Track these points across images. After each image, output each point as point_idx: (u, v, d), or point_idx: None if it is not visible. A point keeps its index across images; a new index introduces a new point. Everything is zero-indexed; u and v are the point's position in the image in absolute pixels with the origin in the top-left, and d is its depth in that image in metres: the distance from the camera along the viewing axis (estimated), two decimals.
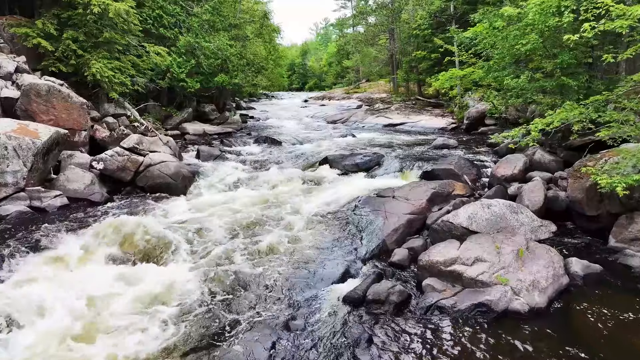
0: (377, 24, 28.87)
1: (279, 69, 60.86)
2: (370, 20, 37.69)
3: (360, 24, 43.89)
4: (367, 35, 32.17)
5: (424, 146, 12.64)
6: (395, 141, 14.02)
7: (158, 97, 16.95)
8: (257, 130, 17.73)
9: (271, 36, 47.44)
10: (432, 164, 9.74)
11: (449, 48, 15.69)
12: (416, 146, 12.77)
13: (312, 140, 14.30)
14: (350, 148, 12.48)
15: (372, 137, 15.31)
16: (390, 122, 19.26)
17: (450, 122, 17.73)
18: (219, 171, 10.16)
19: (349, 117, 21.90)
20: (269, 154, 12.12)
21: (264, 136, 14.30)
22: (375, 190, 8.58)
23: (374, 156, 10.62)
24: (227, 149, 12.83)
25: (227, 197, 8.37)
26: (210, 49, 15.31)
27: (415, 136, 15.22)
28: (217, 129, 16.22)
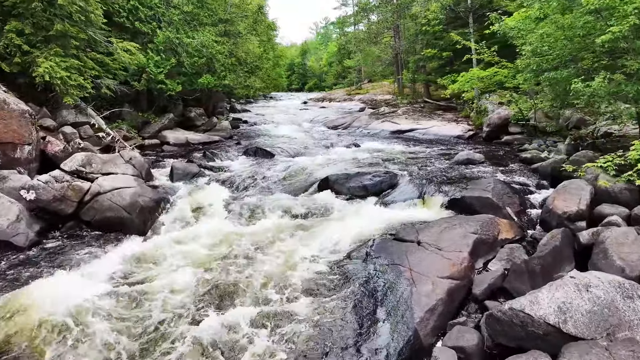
0: (380, 21, 26.84)
1: (277, 69, 58.99)
2: (373, 18, 35.70)
3: (362, 21, 41.94)
4: (369, 33, 30.13)
5: (443, 160, 10.63)
6: (407, 153, 12.00)
7: (136, 100, 14.97)
8: (248, 138, 15.72)
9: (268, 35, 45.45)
10: (459, 188, 7.74)
11: (468, 45, 13.66)
12: (433, 160, 10.75)
13: (311, 152, 12.29)
14: (356, 163, 10.48)
15: (379, 146, 13.29)
16: (398, 128, 17.24)
17: (467, 128, 15.71)
18: (194, 197, 8.15)
19: (352, 122, 19.89)
20: (259, 171, 10.10)
21: (255, 147, 12.29)
22: (391, 225, 6.61)
23: (386, 176, 8.60)
24: (208, 164, 10.82)
25: (196, 238, 6.36)
26: (194, 46, 13.31)
27: (430, 146, 13.20)
28: (202, 138, 14.22)
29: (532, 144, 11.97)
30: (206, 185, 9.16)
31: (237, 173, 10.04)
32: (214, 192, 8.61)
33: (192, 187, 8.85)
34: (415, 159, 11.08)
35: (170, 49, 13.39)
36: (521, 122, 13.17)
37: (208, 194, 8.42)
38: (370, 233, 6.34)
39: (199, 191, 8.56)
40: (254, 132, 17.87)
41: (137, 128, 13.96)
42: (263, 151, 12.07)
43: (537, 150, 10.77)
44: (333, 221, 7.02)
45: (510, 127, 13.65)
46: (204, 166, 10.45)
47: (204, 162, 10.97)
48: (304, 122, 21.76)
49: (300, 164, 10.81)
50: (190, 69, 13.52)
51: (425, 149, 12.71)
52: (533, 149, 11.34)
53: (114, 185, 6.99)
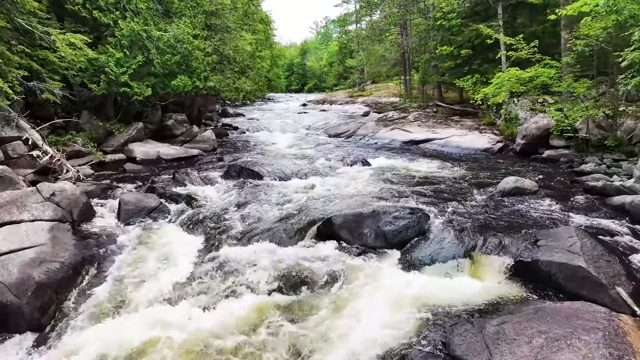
0: (387, 16, 24.37)
1: (276, 69, 56.52)
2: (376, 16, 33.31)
3: (364, 19, 39.55)
4: (374, 30, 27.68)
5: (479, 187, 8.16)
6: (429, 174, 9.53)
7: (101, 106, 12.51)
8: (235, 150, 13.25)
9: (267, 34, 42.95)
10: (523, 240, 5.32)
11: (502, 39, 11.18)
12: (467, 186, 8.29)
13: (308, 172, 9.82)
14: (366, 191, 8.03)
15: (393, 164, 10.83)
16: (411, 138, 14.78)
17: (494, 139, 13.24)
18: (140, 252, 5.72)
19: (356, 130, 17.42)
20: (240, 203, 7.65)
21: (239, 166, 9.82)
22: (429, 308, 4.29)
23: (412, 218, 6.14)
24: (176, 190, 8.35)
25: (122, 344, 3.91)
26: (165, 41, 10.85)
27: (454, 163, 10.72)
28: (177, 152, 11.75)
29: (587, 163, 9.52)
30: (166, 226, 6.71)
31: (211, 206, 7.57)
32: (172, 240, 6.16)
33: (143, 232, 6.40)
34: (441, 183, 8.61)
35: (137, 45, 10.93)
36: (567, 133, 10.72)
37: (164, 245, 5.97)
38: (400, 337, 3.88)
39: (152, 239, 6.12)
40: (243, 142, 15.39)
41: (98, 141, 11.50)
42: (249, 171, 9.60)
43: (603, 176, 8.31)
44: (340, 305, 4.57)
45: (553, 139, 11.19)
46: (169, 195, 7.98)
47: (170, 188, 8.50)
48: (302, 129, 19.30)
49: (294, 190, 8.36)
50: (162, 68, 11.06)
51: (449, 168, 10.23)
52: (593, 170, 8.88)
53: (3, 248, 4.53)
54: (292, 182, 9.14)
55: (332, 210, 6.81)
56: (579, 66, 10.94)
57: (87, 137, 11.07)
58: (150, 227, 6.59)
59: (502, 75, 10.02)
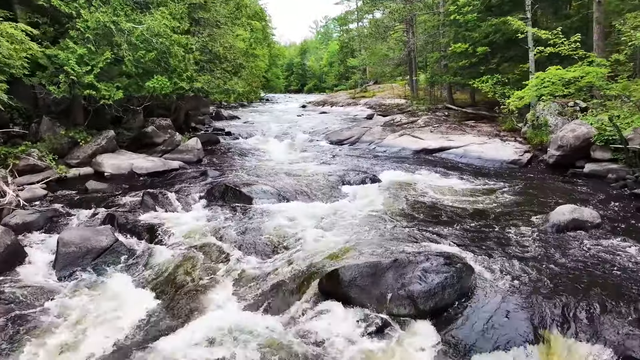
0: (392, 11, 22.65)
1: (274, 69, 54.86)
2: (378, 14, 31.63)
3: (367, 16, 37.86)
4: (378, 27, 25.98)
5: (526, 218, 6.46)
6: (456, 197, 7.83)
7: (67, 111, 10.85)
8: (222, 162, 11.55)
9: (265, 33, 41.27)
10: (625, 321, 3.63)
11: (538, 33, 9.47)
12: (507, 215, 6.61)
13: (307, 192, 8.12)
14: (379, 222, 6.34)
15: (406, 180, 9.13)
16: (424, 146, 13.09)
17: (521, 149, 11.54)
18: (59, 337, 4.03)
19: (361, 136, 15.74)
20: (221, 239, 5.98)
21: (224, 185, 8.11)
22: None
23: (449, 272, 4.43)
24: (141, 219, 6.68)
25: None
26: (137, 34, 9.16)
27: (480, 180, 9.02)
28: (154, 165, 10.06)
29: None
30: (115, 279, 5.03)
31: (182, 246, 5.88)
32: (121, 305, 4.48)
33: (82, 290, 4.72)
34: (471, 210, 6.92)
35: (105, 39, 9.25)
36: (614, 144, 9.04)
37: (103, 317, 4.28)
38: None
39: (91, 304, 4.43)
40: (234, 150, 13.70)
41: (61, 152, 9.83)
42: (235, 192, 7.91)
43: None
44: None
45: (595, 150, 9.51)
46: (131, 227, 6.30)
47: (135, 216, 6.82)
48: (301, 134, 17.58)
49: (288, 220, 6.69)
50: (134, 67, 9.37)
51: (475, 186, 8.54)
52: None
53: None
54: (286, 206, 7.45)
55: (337, 253, 5.14)
56: (632, 64, 9.26)
57: (46, 148, 9.38)
58: (94, 283, 4.89)
59: (541, 75, 8.34)
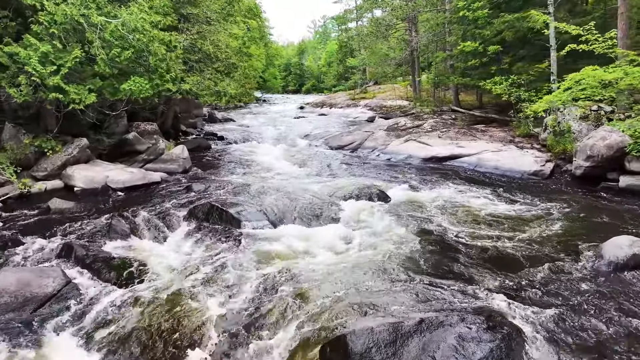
0: (395, 8, 21.50)
1: (272, 69, 53.66)
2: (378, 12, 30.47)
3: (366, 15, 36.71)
4: (379, 25, 24.84)
5: (568, 250, 5.36)
6: (477, 220, 6.72)
7: (36, 116, 9.72)
8: (211, 173, 10.38)
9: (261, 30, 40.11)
10: None
11: (565, 28, 8.36)
12: (543, 244, 5.51)
13: (304, 212, 6.99)
14: (392, 256, 5.23)
15: (420, 199, 8.00)
16: (433, 154, 11.97)
17: (541, 157, 10.43)
18: None
19: (363, 141, 14.62)
20: (197, 279, 4.86)
21: (209, 205, 6.97)
22: None
23: (494, 342, 3.32)
24: (105, 250, 5.55)
25: None
26: (111, 30, 8.01)
27: (504, 198, 7.89)
28: (132, 177, 8.89)
29: None
30: (61, 340, 3.90)
31: (152, 291, 4.74)
32: None
33: None
34: (499, 237, 5.82)
35: (74, 36, 8.10)
36: None
37: None
38: None
39: None
40: (226, 158, 12.55)
41: (26, 163, 8.68)
42: (221, 214, 6.78)
43: None
44: None
45: (630, 162, 8.41)
46: (90, 262, 5.15)
47: (98, 245, 5.69)
48: (299, 139, 16.46)
49: (282, 252, 5.58)
50: (108, 67, 8.21)
51: (500, 206, 7.39)
52: None
53: None
54: (279, 232, 6.33)
55: (342, 307, 4.02)
56: None
57: (7, 158, 8.23)
58: (29, 345, 3.75)
59: (575, 76, 7.25)
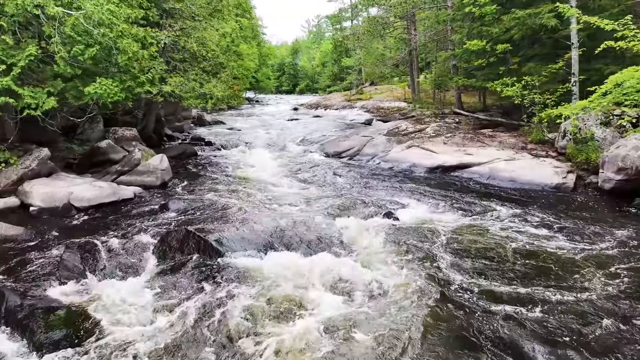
0: (394, 5, 20.44)
1: (265, 69, 52.44)
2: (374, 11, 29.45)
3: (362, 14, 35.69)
4: (376, 23, 23.81)
5: (632, 305, 4.32)
6: (503, 250, 5.66)
7: None
8: (193, 186, 9.21)
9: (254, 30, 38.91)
10: None
11: (599, 24, 7.32)
12: (604, 299, 4.46)
13: (296, 236, 5.89)
14: (411, 306, 4.16)
15: (433, 219, 6.92)
16: (440, 163, 10.91)
17: (560, 167, 9.40)
18: None
19: (362, 147, 13.53)
20: (163, 343, 3.74)
21: (185, 230, 5.85)
22: None
23: None
24: (50, 297, 4.41)
25: None
26: (71, 23, 6.84)
27: (532, 220, 6.83)
28: (100, 193, 7.71)
29: None
30: None
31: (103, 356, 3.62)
32: None
33: None
34: (539, 283, 4.77)
35: (29, 30, 6.93)
36: None
37: None
38: None
39: None
40: (211, 168, 11.38)
41: None
42: (199, 242, 5.66)
43: None
44: None
45: None
46: (24, 317, 4.00)
47: (44, 288, 4.55)
48: (292, 144, 15.35)
49: (273, 286, 4.49)
50: (69, 66, 7.04)
51: (522, 231, 6.30)
52: None
53: None
54: (267, 263, 5.23)
55: None
56: None
57: None
58: None
59: (617, 78, 6.22)
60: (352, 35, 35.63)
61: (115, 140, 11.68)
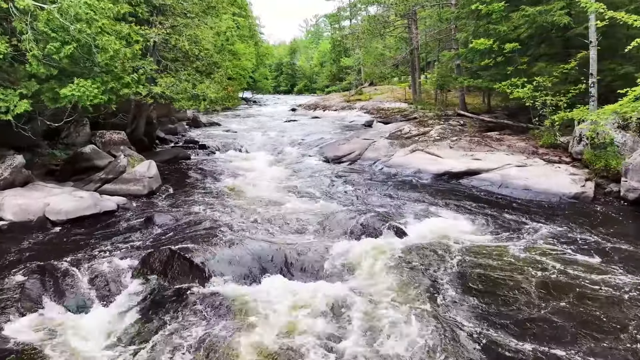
0: (394, 3, 19.78)
1: (262, 68, 51.76)
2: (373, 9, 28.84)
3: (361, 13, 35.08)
4: (376, 21, 23.16)
5: None
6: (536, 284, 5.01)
7: None
8: (183, 195, 8.52)
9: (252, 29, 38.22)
10: None
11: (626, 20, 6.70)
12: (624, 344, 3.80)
13: (293, 259, 5.24)
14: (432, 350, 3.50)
15: (447, 235, 6.27)
16: (447, 169, 10.26)
17: (577, 175, 8.76)
18: None
19: (363, 151, 12.88)
20: None
21: (169, 250, 5.18)
22: None
23: None
24: (6, 336, 3.75)
25: None
26: (48, 18, 6.18)
27: (556, 236, 6.20)
28: (79, 204, 7.03)
29: None
30: None
31: None
32: None
33: None
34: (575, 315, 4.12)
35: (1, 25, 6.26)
36: None
37: None
38: None
39: None
40: (202, 175, 10.71)
41: None
42: (183, 263, 5.02)
43: None
44: None
45: None
46: None
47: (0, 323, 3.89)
48: (290, 147, 14.68)
49: (265, 321, 3.85)
50: (43, 66, 6.37)
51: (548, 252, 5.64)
52: None
53: None
54: (262, 291, 4.61)
55: None
56: None
57: None
58: None
59: None
60: (351, 34, 35.03)
61: (103, 144, 11.01)
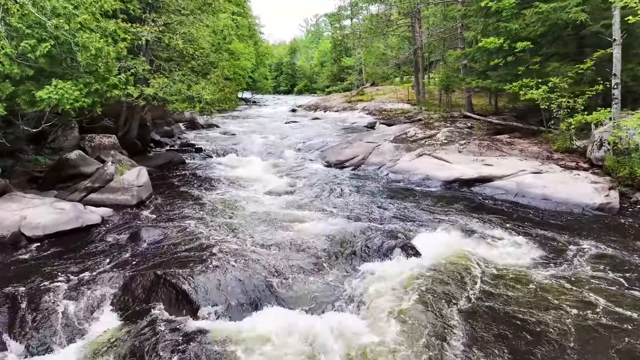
0: (398, 1, 19.18)
1: (262, 68, 51.16)
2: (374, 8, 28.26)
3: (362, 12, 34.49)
4: (378, 22, 22.57)
5: None
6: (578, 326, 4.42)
7: None
8: (174, 206, 7.89)
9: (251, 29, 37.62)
10: None
11: None
12: None
13: (292, 288, 4.64)
14: None
15: (462, 255, 5.68)
16: (457, 176, 9.65)
17: (599, 183, 8.16)
18: None
19: (367, 155, 12.27)
20: None
21: (154, 274, 4.59)
22: None
23: None
24: None
25: None
26: (23, 13, 5.57)
27: (586, 268, 5.58)
28: (60, 217, 6.42)
29: None
30: None
31: None
32: None
33: None
34: None
35: None
36: None
37: None
38: None
39: None
40: (197, 182, 10.08)
41: None
42: (169, 290, 4.42)
43: None
44: None
45: None
46: None
47: None
48: (290, 151, 14.07)
49: None
50: (17, 65, 5.77)
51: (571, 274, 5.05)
52: None
53: None
54: (257, 326, 3.99)
55: None
56: None
57: None
58: None
59: None
60: (352, 34, 34.44)
61: (92, 148, 10.43)
